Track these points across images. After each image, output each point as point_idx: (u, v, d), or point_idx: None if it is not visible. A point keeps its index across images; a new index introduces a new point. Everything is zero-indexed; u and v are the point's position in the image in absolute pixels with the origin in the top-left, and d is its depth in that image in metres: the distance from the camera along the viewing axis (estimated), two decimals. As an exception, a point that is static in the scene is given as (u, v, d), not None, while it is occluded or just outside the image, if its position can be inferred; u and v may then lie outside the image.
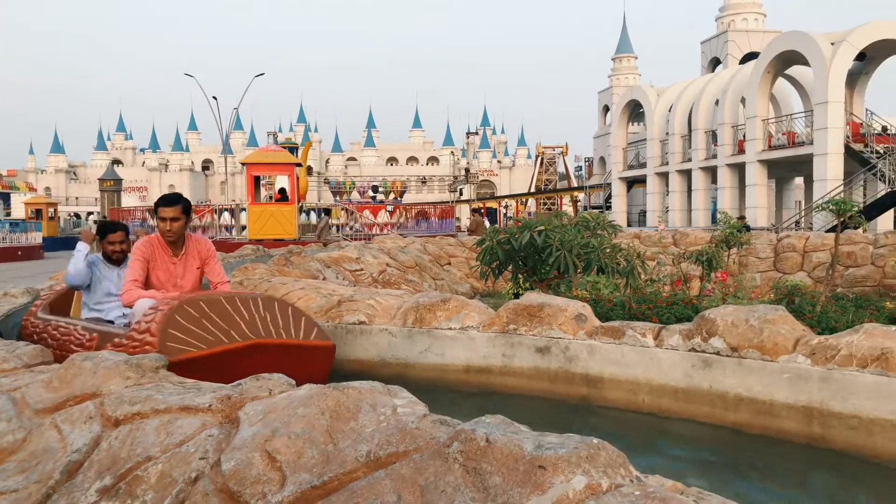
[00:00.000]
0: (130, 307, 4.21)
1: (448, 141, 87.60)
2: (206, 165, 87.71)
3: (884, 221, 24.26)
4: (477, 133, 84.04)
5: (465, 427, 1.87)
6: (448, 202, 44.31)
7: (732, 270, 12.69)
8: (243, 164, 21.64)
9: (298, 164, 22.03)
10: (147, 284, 4.44)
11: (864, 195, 24.06)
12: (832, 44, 23.39)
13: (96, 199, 50.81)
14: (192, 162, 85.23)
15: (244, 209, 21.30)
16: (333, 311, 5.33)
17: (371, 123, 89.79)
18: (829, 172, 23.18)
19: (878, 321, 7.26)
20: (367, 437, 2.01)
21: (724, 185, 28.99)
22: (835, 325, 6.48)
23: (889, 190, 22.20)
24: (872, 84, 27.49)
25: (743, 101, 28.02)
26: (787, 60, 25.95)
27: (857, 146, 23.69)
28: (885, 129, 25.51)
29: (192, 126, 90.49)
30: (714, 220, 27.68)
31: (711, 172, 30.41)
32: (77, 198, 75.69)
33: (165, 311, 3.75)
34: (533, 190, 59.52)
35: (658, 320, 5.06)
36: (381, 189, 52.93)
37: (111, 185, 41.16)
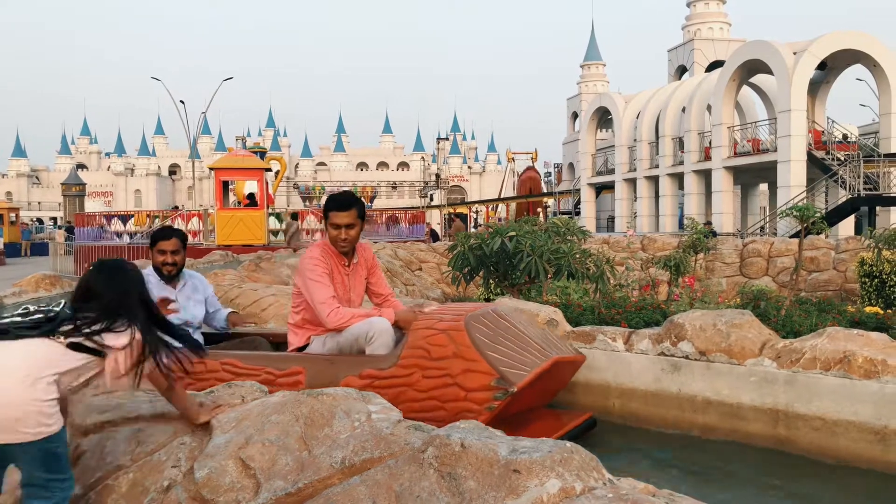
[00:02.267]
0: (340, 331, 3.51)
1: (419, 146, 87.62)
2: (174, 170, 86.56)
3: (845, 227, 24.80)
4: (447, 139, 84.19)
5: (439, 433, 1.88)
6: (419, 207, 44.30)
7: (699, 275, 12.87)
8: (211, 168, 21.43)
9: (268, 169, 21.87)
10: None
11: (826, 201, 24.57)
12: (794, 53, 23.90)
13: (60, 204, 49.87)
14: (159, 166, 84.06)
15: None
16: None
17: (341, 128, 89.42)
18: (793, 179, 23.65)
19: (841, 325, 7.41)
20: (341, 444, 2.01)
21: (691, 192, 29.41)
22: (799, 328, 6.59)
23: (850, 196, 22.71)
24: (833, 93, 28.13)
25: (709, 108, 28.48)
26: (751, 69, 26.44)
27: (819, 153, 24.20)
28: (845, 136, 26.11)
29: (159, 130, 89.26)
30: (681, 225, 28.05)
31: (678, 178, 30.84)
32: (40, 203, 74.15)
33: (485, 332, 3.30)
34: (503, 195, 59.76)
35: (627, 325, 5.12)
36: (351, 194, 52.66)
37: (74, 189, 40.42)
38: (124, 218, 24.99)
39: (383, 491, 1.82)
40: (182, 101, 36.58)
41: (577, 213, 38.77)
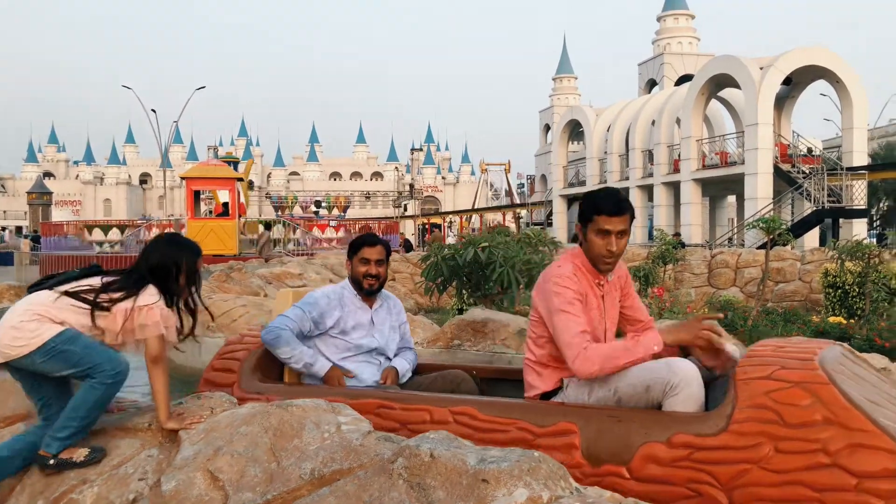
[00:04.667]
0: (590, 377, 2.56)
1: (392, 156, 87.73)
2: (144, 179, 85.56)
3: (810, 239, 25.29)
4: (421, 149, 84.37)
5: (409, 443, 1.89)
6: (392, 218, 44.32)
7: (668, 286, 13.03)
8: (183, 178, 21.24)
9: (240, 179, 21.73)
10: None
11: (792, 213, 25.05)
12: (761, 68, 24.39)
13: (25, 213, 48.98)
14: (130, 175, 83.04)
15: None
16: (276, 328, 5.28)
17: (314, 138, 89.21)
18: (760, 191, 24.08)
19: (805, 334, 7.58)
20: (311, 455, 2.01)
21: (660, 203, 29.80)
22: (765, 338, 6.70)
23: (814, 209, 23.18)
24: (798, 107, 28.75)
25: (678, 121, 28.91)
26: (719, 83, 26.92)
27: (785, 166, 24.68)
28: (810, 150, 26.66)
29: (130, 139, 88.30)
30: (651, 237, 28.38)
31: (648, 190, 31.22)
32: (5, 211, 72.76)
33: (856, 387, 2.34)
34: (477, 206, 60.01)
35: (598, 335, 5.17)
36: (324, 204, 52.58)
37: (40, 198, 39.75)
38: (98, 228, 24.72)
39: (353, 502, 1.83)
40: (153, 110, 36.23)
41: (550, 224, 39.03)
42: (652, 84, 38.78)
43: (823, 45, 25.17)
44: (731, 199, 34.30)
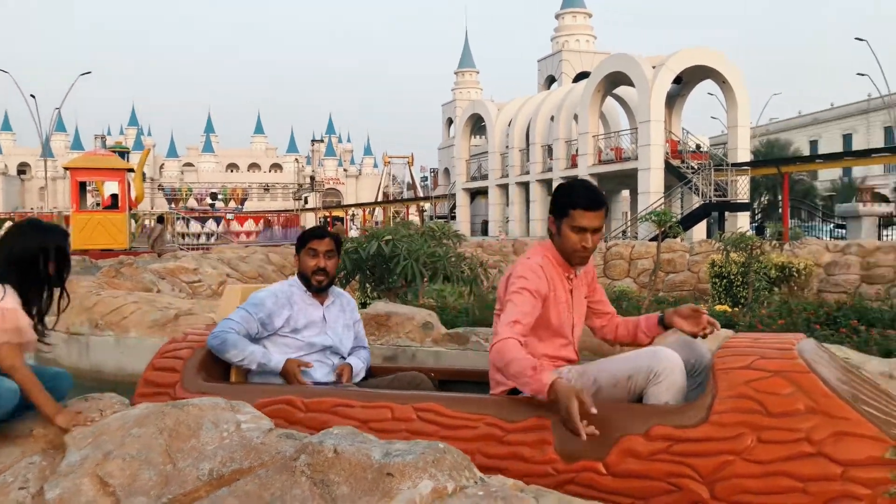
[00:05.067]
0: (500, 358, 2.40)
1: (292, 148, 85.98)
2: (23, 169, 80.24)
3: (698, 231, 26.63)
4: (322, 141, 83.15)
5: (311, 440, 1.86)
6: (293, 210, 43.50)
7: (568, 277, 13.39)
8: (67, 168, 20.09)
9: (130, 170, 20.76)
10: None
11: (682, 207, 26.32)
12: (654, 67, 25.44)
13: None
14: (6, 165, 77.70)
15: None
16: (170, 326, 5.09)
17: (210, 128, 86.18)
18: (652, 186, 25.14)
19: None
20: (209, 455, 1.94)
21: (560, 197, 30.60)
22: (657, 326, 6.98)
23: (702, 202, 24.42)
24: (687, 106, 30.17)
25: (576, 117, 29.78)
26: (614, 81, 27.89)
27: (676, 162, 25.87)
28: (698, 146, 28.06)
29: (6, 126, 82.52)
30: (551, 229, 29.08)
31: (548, 185, 32.01)
32: None
33: (836, 374, 2.31)
34: (380, 199, 59.80)
35: (500, 326, 5.26)
36: (220, 196, 51.01)
37: None
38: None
39: (254, 501, 1.77)
40: (33, 96, 34.06)
41: (453, 218, 39.40)
42: (551, 80, 39.75)
43: (711, 47, 26.47)
44: (626, 193, 35.65)
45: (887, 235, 20.36)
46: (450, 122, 49.96)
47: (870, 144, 47.71)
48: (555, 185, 30.61)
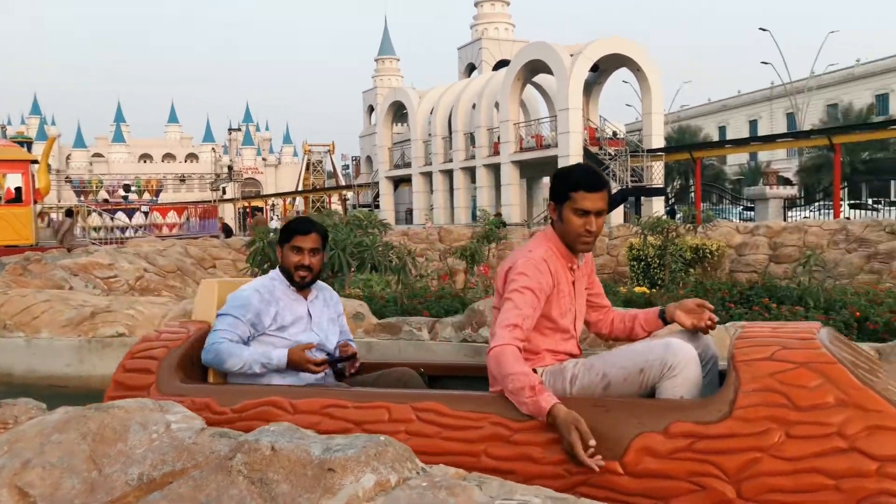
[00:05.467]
0: (498, 368, 2.29)
1: (208, 137, 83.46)
2: (-87, 161, 75.22)
3: (616, 216, 27.35)
4: (240, 129, 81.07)
5: (248, 437, 1.80)
6: (210, 201, 42.27)
7: (493, 264, 13.54)
8: (-37, 160, 18.86)
9: (34, 161, 19.70)
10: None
11: (601, 193, 26.94)
12: (571, 55, 25.89)
13: None
14: None
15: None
16: (87, 324, 4.86)
17: (120, 117, 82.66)
18: (572, 172, 25.64)
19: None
20: (138, 459, 1.86)
21: (482, 185, 30.87)
22: (582, 310, 7.13)
23: (620, 188, 25.08)
24: (604, 93, 30.87)
25: (497, 105, 30.02)
26: (534, 69, 28.25)
27: (594, 149, 26.48)
28: (615, 133, 28.79)
29: None
30: (474, 217, 29.36)
31: (471, 172, 32.21)
32: None
33: (860, 364, 2.17)
34: (301, 188, 58.85)
35: (429, 314, 5.26)
36: (133, 188, 49.06)
37: None
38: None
39: (188, 504, 1.71)
40: (-78, 82, 31.82)
41: (377, 206, 39.17)
42: (471, 68, 39.89)
43: (625, 36, 27.15)
44: (547, 180, 36.20)
45: (792, 216, 21.43)
46: (371, 109, 49.53)
47: (773, 130, 50.09)
48: (478, 172, 30.98)
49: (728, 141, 38.43)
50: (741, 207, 28.80)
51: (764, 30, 38.16)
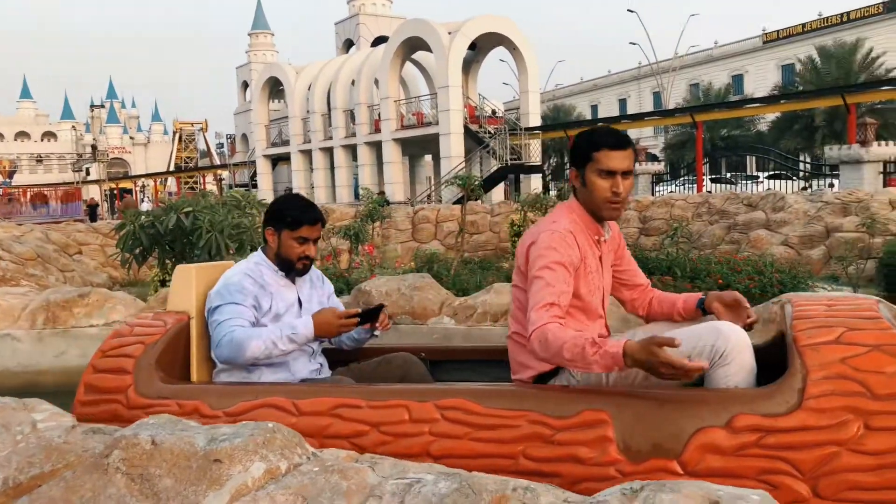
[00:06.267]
0: (546, 348, 2.08)
1: (68, 114, 77.91)
2: None
3: (497, 193, 27.92)
4: (103, 106, 76.17)
5: (125, 433, 1.71)
6: (73, 183, 39.60)
7: (377, 243, 13.50)
8: None
9: None
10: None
11: (481, 170, 27.37)
12: (450, 33, 26.01)
13: None
14: None
15: None
16: (-66, 319, 4.44)
17: (-37, 92, 75.68)
18: (453, 150, 25.88)
19: (499, 280, 8.37)
20: (2, 463, 1.73)
21: (364, 163, 30.61)
22: (466, 286, 7.29)
23: (500, 165, 25.59)
24: (482, 71, 31.27)
25: (376, 82, 29.76)
26: (413, 46, 28.17)
27: (474, 127, 26.81)
28: (494, 112, 29.26)
29: None
30: (357, 196, 29.11)
31: (352, 150, 31.84)
32: None
33: None
34: (173, 168, 56.16)
35: (314, 296, 5.18)
36: (-17, 170, 45.16)
37: None
38: None
39: (61, 508, 1.61)
40: None
41: (255, 186, 38.03)
42: (350, 44, 39.29)
43: (502, 15, 27.50)
44: (428, 158, 36.42)
45: (659, 191, 22.61)
46: (245, 85, 47.84)
47: (641, 108, 52.61)
48: (359, 150, 30.69)
49: (600, 119, 39.95)
50: (613, 183, 29.97)
51: (632, 11, 39.79)
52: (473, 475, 1.49)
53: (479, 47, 28.80)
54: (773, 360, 2.09)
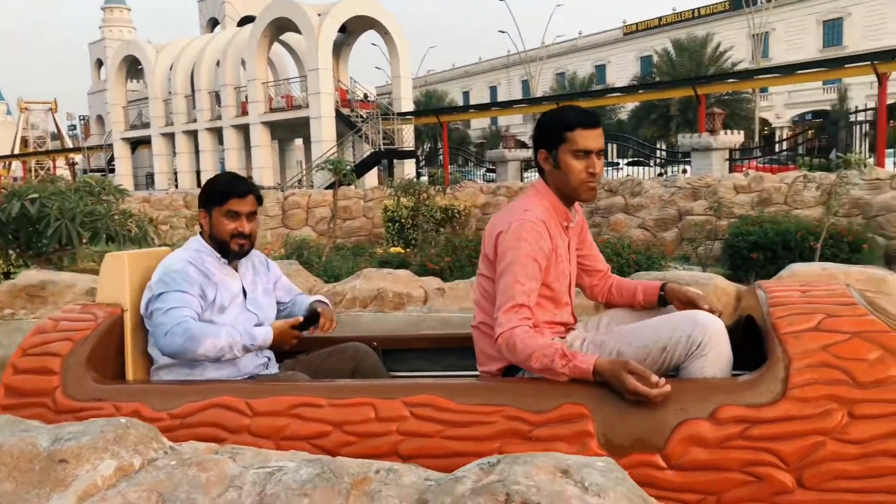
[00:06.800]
0: (513, 353, 2.01)
1: None
2: None
3: (370, 178, 27.82)
4: (-67, 82, 69.06)
5: (-44, 437, 1.58)
6: None
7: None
8: None
9: None
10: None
11: (354, 155, 27.16)
12: (319, 15, 25.51)
13: None
14: None
15: None
16: None
17: None
18: (324, 134, 25.49)
19: (372, 266, 8.37)
20: None
21: (231, 146, 29.55)
22: (339, 272, 7.23)
23: (373, 150, 25.48)
24: (353, 55, 30.93)
25: (243, 63, 28.76)
26: (281, 27, 27.42)
27: (346, 111, 26.52)
28: (366, 96, 29.05)
29: None
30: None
31: (218, 133, 30.66)
32: None
33: None
34: (17, 151, 51.84)
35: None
36: None
37: None
38: None
39: None
40: None
41: (112, 171, 35.82)
42: (214, 23, 37.70)
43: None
44: (299, 142, 35.70)
45: (528, 177, 23.31)
46: (100, 63, 44.86)
47: (511, 96, 54.01)
48: (225, 133, 29.60)
49: (471, 106, 40.64)
50: (484, 169, 30.68)
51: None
52: (336, 459, 1.49)
53: (350, 30, 28.47)
54: (734, 344, 2.09)
